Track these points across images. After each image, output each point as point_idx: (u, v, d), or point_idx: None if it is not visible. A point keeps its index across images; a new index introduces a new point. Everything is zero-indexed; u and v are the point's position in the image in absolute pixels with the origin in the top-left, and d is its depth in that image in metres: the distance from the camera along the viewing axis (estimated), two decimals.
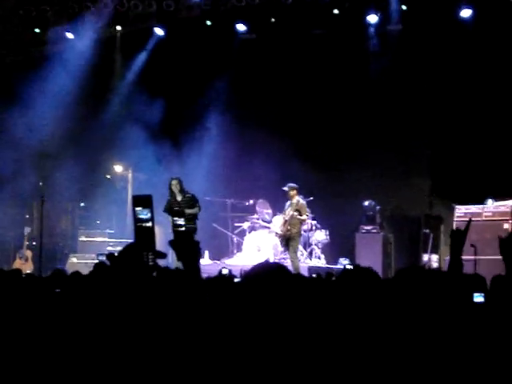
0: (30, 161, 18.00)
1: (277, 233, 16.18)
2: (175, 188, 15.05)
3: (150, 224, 3.48)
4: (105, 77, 18.86)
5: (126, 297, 3.26)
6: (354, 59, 17.76)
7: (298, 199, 15.53)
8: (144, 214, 3.51)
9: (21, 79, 17.76)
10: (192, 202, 14.97)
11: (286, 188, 15.63)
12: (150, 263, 3.42)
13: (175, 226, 3.11)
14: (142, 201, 3.54)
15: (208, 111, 18.64)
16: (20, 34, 18.45)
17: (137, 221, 3.52)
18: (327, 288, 4.88)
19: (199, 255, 3.50)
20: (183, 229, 3.09)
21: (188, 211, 14.52)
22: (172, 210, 14.66)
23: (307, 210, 15.92)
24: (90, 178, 19.93)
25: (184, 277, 3.46)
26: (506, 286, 4.10)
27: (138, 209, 3.52)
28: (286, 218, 15.58)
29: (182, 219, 3.15)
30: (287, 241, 15.61)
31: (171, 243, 3.50)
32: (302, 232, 16.87)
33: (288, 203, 15.73)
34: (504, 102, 16.91)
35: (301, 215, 15.42)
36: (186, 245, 3.49)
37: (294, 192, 15.57)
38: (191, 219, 14.66)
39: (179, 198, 14.98)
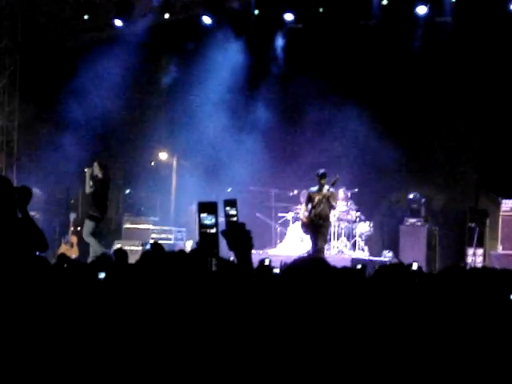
0: (77, 146, 18.17)
1: (302, 220, 15.17)
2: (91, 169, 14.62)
3: (214, 230, 3.53)
4: (153, 63, 18.96)
5: (177, 291, 3.29)
6: (402, 51, 17.59)
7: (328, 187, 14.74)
8: (209, 220, 3.57)
9: (71, 66, 17.92)
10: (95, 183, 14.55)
11: (322, 170, 14.79)
12: (214, 269, 3.47)
13: (228, 215, 3.15)
14: (208, 207, 3.60)
15: (254, 99, 18.60)
16: (69, 20, 18.60)
17: (201, 227, 3.57)
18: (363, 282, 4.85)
19: (251, 245, 3.53)
20: (235, 218, 3.15)
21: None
22: None
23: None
24: (135, 165, 20.10)
25: (236, 268, 3.49)
26: None
27: (202, 215, 3.58)
28: (317, 204, 14.65)
29: (235, 209, 3.20)
30: (316, 229, 14.74)
31: (224, 232, 3.54)
32: (346, 223, 16.91)
33: (314, 189, 14.94)
34: None
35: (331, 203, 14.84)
36: (239, 234, 3.52)
37: (324, 180, 14.73)
38: (89, 204, 14.59)
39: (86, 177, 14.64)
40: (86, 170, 14.58)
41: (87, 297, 4.28)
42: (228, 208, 3.68)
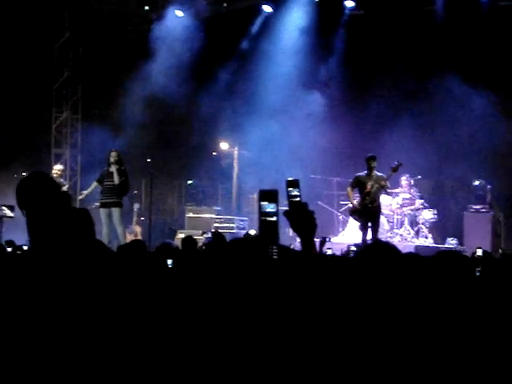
0: (138, 138, 18.33)
1: (355, 207, 14.59)
2: (113, 159, 14.33)
3: (274, 218, 3.53)
4: (212, 54, 18.99)
5: (240, 277, 3.28)
6: (466, 36, 17.24)
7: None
8: (270, 208, 3.56)
9: (130, 57, 18.09)
10: (121, 174, 14.34)
11: (370, 154, 14.54)
12: (274, 256, 3.46)
13: (290, 196, 3.16)
14: (269, 195, 3.59)
15: (318, 89, 18.53)
16: (129, 12, 18.78)
17: (262, 215, 3.57)
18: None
19: (315, 225, 3.50)
20: (298, 199, 3.14)
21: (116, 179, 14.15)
22: (102, 181, 14.43)
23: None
24: (197, 156, 20.20)
25: (297, 255, 3.46)
26: None
27: (263, 203, 3.57)
28: (372, 190, 14.23)
29: (297, 189, 3.20)
30: (371, 217, 14.36)
31: (287, 213, 3.53)
32: (410, 211, 16.73)
33: (363, 173, 14.56)
34: None
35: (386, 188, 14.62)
36: (302, 215, 3.50)
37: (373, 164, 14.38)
38: (116, 193, 14.27)
39: (113, 169, 14.34)
40: (110, 163, 14.41)
41: (157, 282, 4.32)
42: (291, 189, 3.65)
